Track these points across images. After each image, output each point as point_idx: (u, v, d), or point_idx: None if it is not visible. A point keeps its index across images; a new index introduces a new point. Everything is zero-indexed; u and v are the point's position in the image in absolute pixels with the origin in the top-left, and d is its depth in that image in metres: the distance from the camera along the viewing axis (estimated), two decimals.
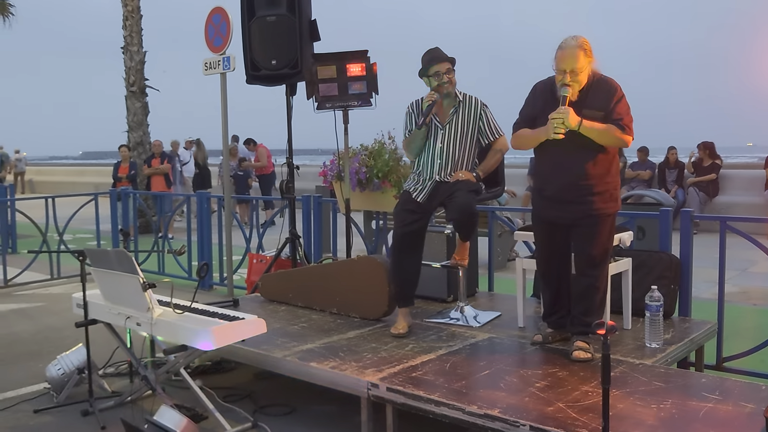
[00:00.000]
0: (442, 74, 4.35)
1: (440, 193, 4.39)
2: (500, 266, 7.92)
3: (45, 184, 24.23)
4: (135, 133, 13.01)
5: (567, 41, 3.68)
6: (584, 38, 3.70)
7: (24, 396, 4.35)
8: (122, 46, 12.83)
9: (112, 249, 3.74)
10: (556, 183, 3.84)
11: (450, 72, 4.37)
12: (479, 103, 4.49)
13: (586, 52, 3.66)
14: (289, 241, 5.95)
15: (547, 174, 3.93)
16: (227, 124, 6.50)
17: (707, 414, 3.00)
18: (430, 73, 4.38)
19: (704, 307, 5.11)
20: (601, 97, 3.69)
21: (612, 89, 3.70)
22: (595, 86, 3.71)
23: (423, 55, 4.43)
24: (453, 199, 4.28)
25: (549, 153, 3.83)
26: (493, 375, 3.57)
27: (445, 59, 4.37)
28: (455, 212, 4.28)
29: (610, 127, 3.65)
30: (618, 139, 3.69)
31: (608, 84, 3.72)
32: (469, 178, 4.36)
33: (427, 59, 4.39)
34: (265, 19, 5.54)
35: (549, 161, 3.87)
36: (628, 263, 4.31)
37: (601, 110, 3.66)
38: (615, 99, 3.67)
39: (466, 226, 4.38)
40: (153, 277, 5.02)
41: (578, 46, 3.65)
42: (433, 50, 4.42)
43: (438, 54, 4.38)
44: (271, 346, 4.10)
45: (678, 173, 11.83)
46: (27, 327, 6.09)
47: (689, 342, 4.11)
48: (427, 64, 4.39)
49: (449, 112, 4.44)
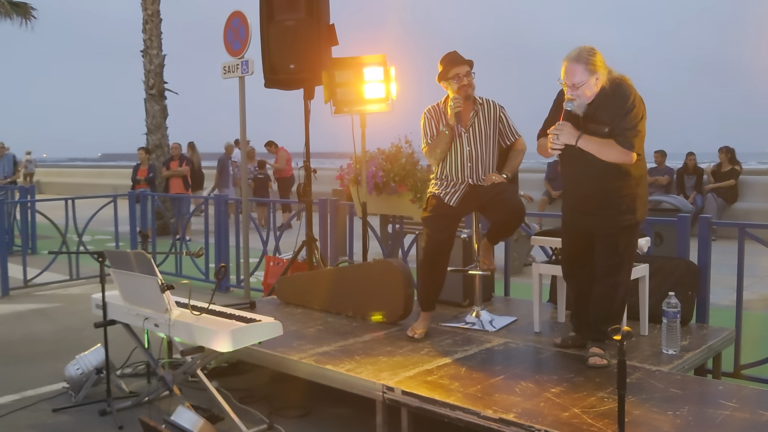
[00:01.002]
0: (462, 77, 4.36)
1: (476, 197, 4.39)
2: (516, 271, 7.90)
3: (53, 186, 24.43)
4: (154, 135, 13.12)
5: (569, 54, 3.58)
6: (590, 49, 3.57)
7: (43, 395, 4.40)
8: (142, 50, 12.95)
9: (132, 250, 3.78)
10: (574, 193, 3.87)
11: (469, 75, 4.38)
12: (497, 105, 4.50)
13: (589, 67, 3.53)
14: (305, 244, 5.97)
15: (567, 183, 3.96)
16: (245, 127, 6.54)
17: (724, 421, 2.98)
18: (450, 76, 4.38)
19: (722, 314, 5.08)
20: (610, 109, 3.57)
21: (622, 100, 3.54)
22: (605, 98, 3.58)
23: (441, 59, 4.44)
24: (502, 201, 4.27)
25: (569, 162, 3.81)
26: (509, 380, 3.57)
27: (464, 62, 4.38)
28: (508, 213, 4.28)
29: (609, 142, 3.53)
30: (619, 155, 3.54)
31: (620, 95, 3.56)
32: (502, 181, 4.38)
33: (446, 62, 4.40)
34: (283, 23, 5.57)
35: (568, 170, 3.87)
36: (645, 269, 4.29)
37: (606, 124, 3.56)
38: (624, 111, 3.53)
39: (511, 228, 4.43)
40: (171, 279, 5.05)
41: (577, 60, 3.54)
42: (451, 53, 4.42)
43: (456, 57, 4.39)
44: (287, 349, 4.12)
45: (697, 179, 11.74)
46: (46, 327, 6.16)
47: (707, 349, 4.09)
48: (447, 67, 4.39)
49: (470, 115, 4.44)
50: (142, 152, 12.49)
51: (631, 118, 3.54)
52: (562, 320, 4.67)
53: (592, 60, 3.54)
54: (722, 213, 11.28)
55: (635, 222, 3.76)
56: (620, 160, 3.58)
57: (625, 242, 3.76)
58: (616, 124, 3.55)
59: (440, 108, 4.51)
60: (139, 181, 12.07)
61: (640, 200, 3.73)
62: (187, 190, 12.24)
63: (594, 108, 3.63)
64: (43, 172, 28.62)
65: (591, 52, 3.56)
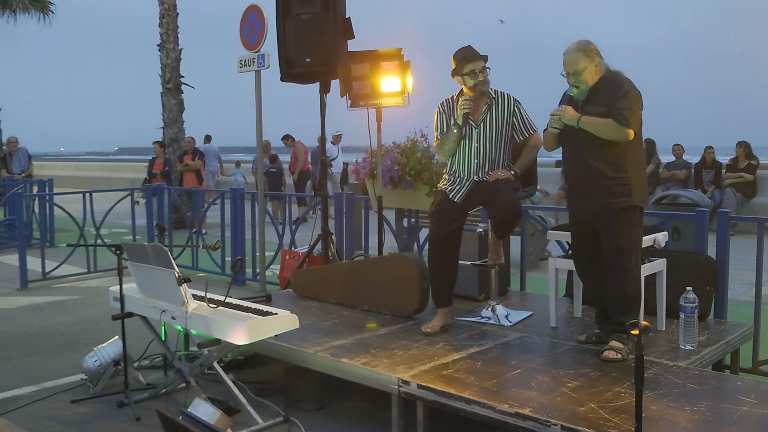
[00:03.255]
0: (477, 73, 4.34)
1: (479, 193, 4.39)
2: (532, 265, 7.88)
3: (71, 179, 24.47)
4: (170, 129, 13.18)
5: (569, 46, 3.83)
6: (587, 41, 3.81)
7: (61, 386, 4.45)
8: (158, 44, 13.00)
9: (149, 243, 3.80)
10: (572, 177, 3.99)
11: (484, 70, 4.36)
12: (512, 99, 4.47)
13: (588, 53, 3.76)
14: (321, 237, 5.99)
15: (565, 169, 4.10)
16: (261, 121, 6.56)
17: (742, 417, 2.96)
18: (466, 72, 4.35)
19: (740, 309, 5.04)
20: (607, 94, 3.75)
21: (617, 86, 3.74)
22: (602, 84, 3.79)
23: (455, 53, 4.40)
24: (497, 197, 4.27)
25: (567, 149, 3.97)
26: (525, 374, 3.56)
27: (479, 57, 4.36)
28: (500, 210, 4.27)
29: (608, 120, 3.70)
30: (617, 132, 3.69)
31: (615, 81, 3.78)
32: (507, 177, 4.36)
33: (461, 57, 4.37)
34: (299, 17, 5.58)
35: (567, 157, 4.00)
36: (662, 264, 4.26)
37: (604, 107, 3.73)
38: (619, 95, 3.71)
39: (509, 224, 4.39)
40: (187, 272, 5.09)
41: (577, 49, 3.78)
42: (466, 48, 4.40)
43: (472, 52, 4.37)
44: (302, 342, 4.13)
45: (715, 173, 11.64)
46: (64, 319, 6.21)
47: (724, 344, 4.06)
48: (461, 63, 4.37)
49: (483, 110, 4.42)
50: (157, 146, 12.57)
51: (626, 99, 3.71)
52: (579, 315, 4.66)
53: (590, 48, 3.79)
54: (741, 208, 11.18)
55: (631, 205, 3.76)
56: (617, 137, 3.71)
57: (625, 227, 3.77)
58: (611, 106, 3.71)
59: (453, 102, 4.49)
60: (155, 174, 12.14)
61: (635, 185, 3.78)
62: (200, 184, 12.29)
63: (591, 93, 3.82)
64: (61, 165, 28.86)
65: (588, 43, 3.82)
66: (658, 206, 8.89)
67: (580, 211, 3.95)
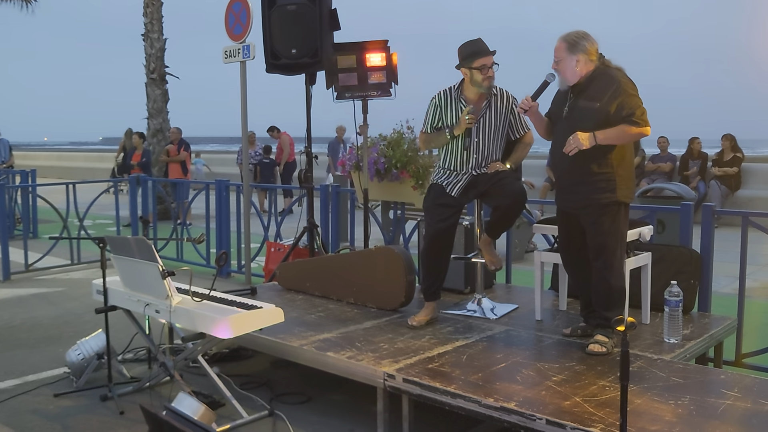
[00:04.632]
0: (487, 68, 4.29)
1: (478, 185, 4.37)
2: (518, 258, 7.90)
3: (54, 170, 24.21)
4: (155, 120, 13.09)
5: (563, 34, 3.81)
6: (583, 33, 3.76)
7: (44, 380, 4.41)
8: (143, 33, 12.88)
9: (132, 236, 3.77)
10: (558, 172, 3.98)
11: (493, 65, 4.30)
12: (510, 96, 4.44)
13: (571, 46, 3.71)
14: (306, 230, 5.96)
15: (552, 163, 4.09)
16: (246, 112, 6.52)
17: (725, 411, 2.98)
18: (476, 66, 4.26)
19: (724, 302, 5.07)
20: (599, 89, 3.70)
21: (611, 81, 3.69)
22: (595, 78, 3.74)
23: (465, 45, 4.30)
24: (503, 186, 4.27)
25: (555, 140, 3.95)
26: (510, 368, 3.56)
27: (490, 52, 4.28)
28: (510, 197, 4.26)
29: (622, 127, 3.65)
30: (636, 134, 3.69)
31: (609, 76, 3.71)
32: (505, 169, 4.36)
33: (473, 51, 4.27)
34: (285, 8, 5.54)
35: (554, 148, 3.97)
36: (647, 257, 4.28)
37: (596, 101, 3.69)
38: (613, 91, 3.65)
39: (514, 213, 4.39)
40: (171, 265, 5.05)
41: (563, 39, 3.76)
42: (476, 42, 4.31)
43: (483, 47, 4.28)
44: (288, 335, 4.12)
45: (701, 164, 11.69)
46: (47, 311, 6.16)
47: (708, 338, 4.08)
48: (471, 56, 4.27)
49: (482, 105, 4.39)
50: (136, 137, 12.43)
51: (630, 100, 3.65)
52: (564, 308, 4.67)
53: (576, 41, 3.74)
54: (725, 200, 11.25)
55: (615, 201, 3.75)
56: (639, 137, 3.78)
57: (609, 222, 3.76)
58: (604, 101, 3.66)
59: (453, 94, 4.41)
60: (132, 166, 12.01)
61: (621, 180, 3.75)
62: (185, 176, 12.22)
63: (583, 87, 3.76)
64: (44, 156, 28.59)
65: (578, 35, 3.76)
66: (643, 199, 8.93)
67: (566, 206, 3.95)
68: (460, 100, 4.39)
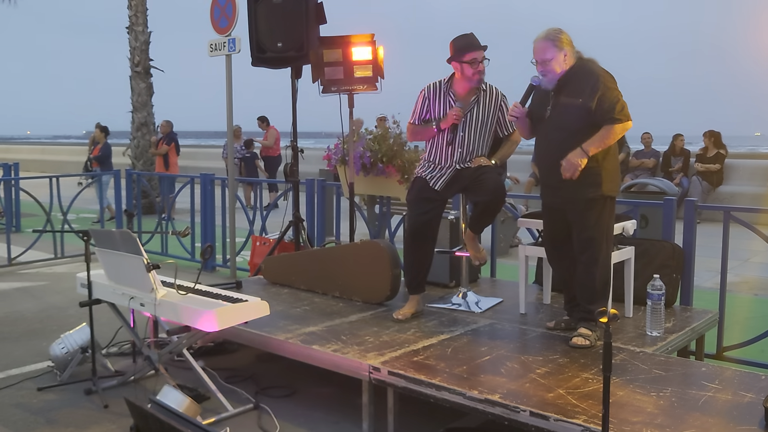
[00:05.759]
0: (478, 62, 4.30)
1: (461, 180, 4.39)
2: (503, 252, 7.93)
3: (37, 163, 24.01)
4: (139, 113, 13.00)
5: (539, 34, 3.81)
6: (557, 29, 3.78)
7: (28, 374, 4.39)
8: (127, 26, 12.78)
9: (117, 230, 3.75)
10: (543, 166, 3.99)
11: (483, 60, 4.31)
12: (500, 93, 4.45)
13: (557, 43, 3.73)
14: (292, 224, 5.96)
15: (538, 161, 4.08)
16: (232, 105, 6.50)
17: (706, 403, 3.02)
18: (467, 60, 4.26)
19: (706, 296, 5.13)
20: (580, 84, 3.72)
21: (590, 77, 3.70)
22: (574, 74, 3.75)
23: (456, 39, 4.30)
24: (484, 181, 4.28)
25: (539, 138, 3.98)
26: (494, 360, 3.59)
27: (481, 47, 4.29)
28: (488, 193, 4.27)
29: (605, 129, 3.67)
30: (620, 132, 3.70)
31: (588, 72, 3.73)
32: (489, 164, 4.37)
33: (464, 44, 4.27)
34: (271, 1, 5.52)
35: (538, 146, 4.00)
36: (630, 252, 4.32)
37: (577, 97, 3.70)
38: (593, 85, 3.66)
39: (495, 208, 4.41)
40: (156, 258, 5.04)
41: (546, 38, 3.75)
42: (468, 36, 4.31)
43: (474, 41, 4.28)
44: (273, 329, 4.12)
45: (684, 160, 11.78)
46: (30, 305, 6.12)
47: (690, 331, 4.12)
48: (462, 50, 4.27)
49: (470, 100, 4.40)
50: (97, 131, 12.25)
51: (608, 95, 3.66)
52: (548, 302, 4.71)
53: (560, 37, 3.76)
54: (707, 196, 11.35)
55: (601, 195, 3.77)
56: (623, 133, 3.75)
57: (595, 217, 3.78)
58: (586, 96, 3.67)
59: (442, 88, 4.41)
60: (92, 160, 11.85)
61: (606, 174, 3.77)
62: (166, 169, 12.11)
63: (564, 83, 3.78)
64: (27, 149, 28.34)
65: (558, 31, 3.79)
66: (627, 194, 8.99)
67: (551, 200, 3.97)
68: (449, 93, 4.39)
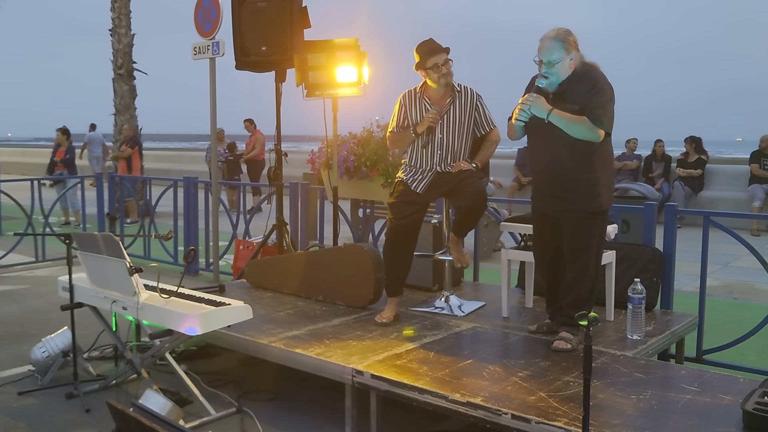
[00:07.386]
0: (440, 66, 4.32)
1: (442, 184, 4.40)
2: (486, 256, 7.97)
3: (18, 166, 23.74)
4: (122, 116, 12.92)
5: (547, 33, 3.68)
6: (567, 30, 3.67)
7: (8, 378, 4.35)
8: (110, 29, 12.70)
9: (99, 233, 3.73)
10: (539, 175, 3.94)
11: (447, 63, 4.34)
12: (475, 94, 4.47)
13: (566, 45, 3.63)
14: (276, 227, 5.96)
15: (533, 165, 4.04)
16: (215, 109, 6.49)
17: (686, 405, 3.05)
18: (429, 66, 4.31)
19: (686, 300, 5.18)
20: (581, 91, 3.64)
21: (592, 83, 3.64)
22: (576, 80, 3.67)
23: (417, 47, 4.36)
24: (465, 186, 4.29)
25: (535, 144, 3.89)
26: (477, 364, 3.60)
27: (442, 50, 4.32)
28: (469, 198, 4.27)
29: (580, 117, 3.59)
30: (589, 131, 3.60)
31: (590, 77, 3.65)
32: (470, 168, 4.39)
33: (424, 51, 4.32)
34: (255, 5, 5.53)
35: (534, 152, 3.93)
36: (611, 256, 4.35)
37: (577, 103, 3.63)
38: (593, 92, 3.61)
39: (476, 213, 4.40)
40: (139, 262, 5.01)
41: (556, 38, 3.64)
42: (428, 42, 4.35)
43: (434, 46, 4.32)
44: (256, 333, 4.12)
45: (665, 166, 11.89)
46: (11, 309, 6.07)
47: (670, 334, 4.16)
48: (424, 57, 4.32)
49: (446, 102, 4.43)
50: (59, 134, 12.13)
51: (600, 97, 3.61)
52: (530, 305, 4.74)
53: (569, 39, 3.65)
54: (689, 201, 11.46)
55: (599, 208, 3.77)
56: (588, 137, 3.62)
57: (589, 227, 3.78)
58: (584, 104, 3.61)
59: (416, 95, 4.45)
60: (56, 162, 11.77)
61: (603, 184, 3.75)
62: (129, 173, 12.01)
63: (564, 88, 3.69)
64: (8, 152, 28.07)
65: (568, 33, 3.67)
66: None
67: (545, 206, 3.92)
68: (424, 98, 4.42)
